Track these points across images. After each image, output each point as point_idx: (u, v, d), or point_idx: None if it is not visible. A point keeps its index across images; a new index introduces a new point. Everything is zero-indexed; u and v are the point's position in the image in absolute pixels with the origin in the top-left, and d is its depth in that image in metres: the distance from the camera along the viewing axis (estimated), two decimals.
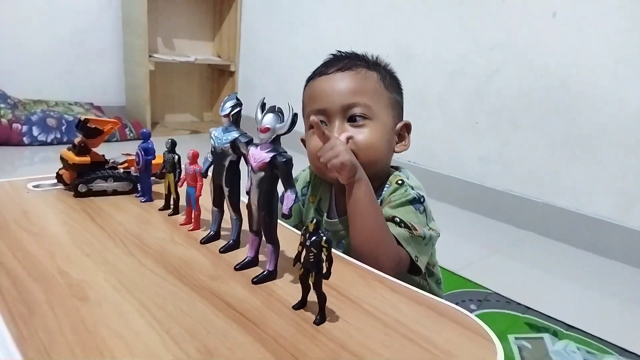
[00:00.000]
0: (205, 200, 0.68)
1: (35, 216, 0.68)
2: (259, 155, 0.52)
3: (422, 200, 0.73)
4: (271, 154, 0.52)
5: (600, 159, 1.65)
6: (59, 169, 0.77)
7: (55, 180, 0.79)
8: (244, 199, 0.61)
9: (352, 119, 0.71)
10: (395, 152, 0.78)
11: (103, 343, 0.43)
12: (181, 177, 0.68)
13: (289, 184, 0.51)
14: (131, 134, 2.54)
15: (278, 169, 0.52)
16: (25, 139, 2.28)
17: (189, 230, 0.68)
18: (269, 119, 0.52)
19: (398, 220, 0.71)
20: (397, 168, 0.81)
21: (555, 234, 1.76)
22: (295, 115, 0.51)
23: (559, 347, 1.09)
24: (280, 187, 0.54)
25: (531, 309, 1.23)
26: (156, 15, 2.84)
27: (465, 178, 2.01)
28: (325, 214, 0.81)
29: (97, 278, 0.53)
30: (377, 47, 2.39)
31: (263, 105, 0.53)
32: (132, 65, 2.80)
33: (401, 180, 0.75)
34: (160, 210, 0.74)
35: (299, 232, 0.68)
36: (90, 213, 0.70)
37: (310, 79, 0.78)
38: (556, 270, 1.55)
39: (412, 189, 0.74)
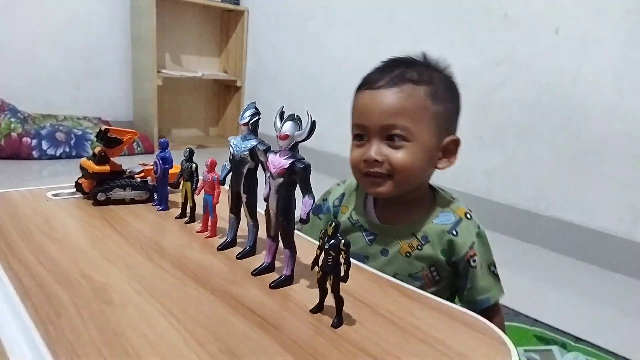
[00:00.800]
0: (221, 209, 0.70)
1: (57, 223, 0.69)
2: (278, 161, 0.54)
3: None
4: (290, 160, 0.53)
5: (605, 173, 1.66)
6: (78, 178, 0.79)
7: (74, 190, 0.80)
8: (260, 209, 0.63)
9: (390, 138, 0.71)
10: (437, 169, 0.77)
11: (128, 343, 0.44)
12: (199, 185, 0.69)
13: (307, 189, 0.53)
14: (139, 148, 2.57)
15: (297, 174, 0.53)
16: (35, 153, 2.31)
17: (205, 238, 0.69)
18: (288, 127, 0.53)
19: (493, 268, 0.77)
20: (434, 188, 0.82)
21: (561, 247, 1.76)
22: (314, 123, 0.53)
23: (568, 359, 1.09)
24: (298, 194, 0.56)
25: (539, 321, 1.23)
26: (164, 32, 2.89)
27: (470, 192, 2.02)
28: (359, 222, 0.81)
29: (119, 282, 0.55)
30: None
31: (282, 114, 0.55)
32: (141, 80, 2.85)
33: (469, 214, 0.77)
34: (176, 218, 0.75)
35: (316, 241, 0.69)
36: (110, 220, 0.72)
37: (359, 87, 0.76)
38: (563, 283, 1.55)
39: (479, 226, 0.77)
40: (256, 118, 0.61)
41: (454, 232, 0.75)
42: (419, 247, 0.75)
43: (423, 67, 0.75)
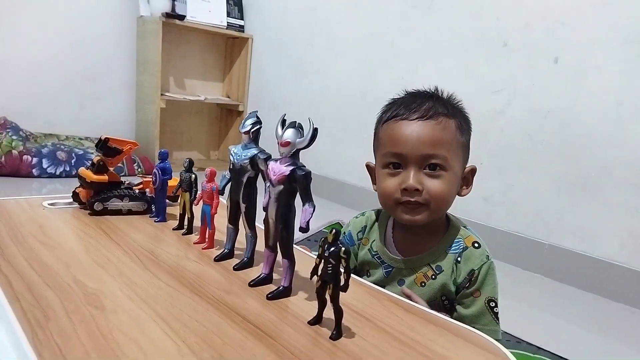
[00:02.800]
0: (220, 222, 0.69)
1: (51, 231, 0.68)
2: (279, 168, 0.53)
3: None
4: (291, 168, 0.53)
5: (605, 200, 1.65)
6: (76, 187, 0.78)
7: (71, 200, 0.80)
8: (259, 224, 0.61)
9: (429, 167, 0.72)
10: (459, 196, 0.79)
11: (119, 348, 0.42)
12: (197, 195, 0.68)
13: (308, 197, 0.52)
14: (139, 169, 2.57)
15: (297, 182, 0.52)
16: (35, 171, 2.30)
17: (202, 249, 0.68)
18: (289, 134, 0.53)
19: (493, 305, 0.75)
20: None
21: (562, 276, 1.74)
22: (315, 130, 0.52)
23: None
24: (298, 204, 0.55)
25: (542, 349, 1.20)
26: (170, 56, 2.94)
27: (470, 218, 2.00)
28: (379, 254, 0.80)
29: (112, 288, 0.53)
30: (383, 90, 2.44)
31: (284, 122, 0.55)
32: (144, 103, 2.87)
33: (477, 243, 0.77)
34: (174, 229, 0.74)
35: (314, 255, 0.68)
36: (105, 230, 0.71)
37: (390, 118, 0.77)
38: (564, 312, 1.52)
39: (488, 257, 0.76)
40: (257, 127, 0.61)
41: (459, 259, 0.76)
42: (433, 277, 0.76)
43: (445, 101, 0.77)
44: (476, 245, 0.77)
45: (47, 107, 2.68)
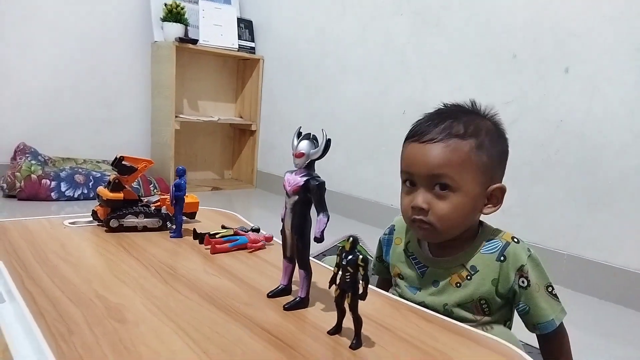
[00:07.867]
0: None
1: (72, 248, 0.70)
2: (294, 179, 0.54)
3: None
4: (305, 178, 0.53)
5: (623, 210, 1.62)
6: (95, 206, 0.80)
7: (91, 218, 0.81)
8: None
9: (437, 187, 0.74)
10: (483, 214, 0.78)
11: None
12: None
13: (322, 207, 0.53)
14: (155, 190, 2.60)
15: (311, 192, 0.53)
16: (53, 194, 2.34)
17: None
18: (303, 145, 0.54)
19: (551, 289, 0.78)
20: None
21: (583, 286, 1.70)
22: (328, 141, 0.53)
23: None
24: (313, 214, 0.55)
25: None
26: (183, 79, 3.00)
27: None
28: (415, 255, 0.82)
29: (134, 302, 0.54)
30: (394, 106, 2.44)
31: (299, 134, 0.56)
32: (159, 125, 2.92)
33: (516, 238, 0.77)
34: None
35: (330, 267, 0.68)
36: (125, 246, 0.72)
37: (407, 137, 0.79)
38: (584, 323, 1.48)
39: (529, 249, 0.77)
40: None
41: (502, 258, 0.75)
42: (469, 277, 0.76)
43: (469, 118, 0.77)
44: (515, 240, 0.77)
45: (64, 133, 2.75)
